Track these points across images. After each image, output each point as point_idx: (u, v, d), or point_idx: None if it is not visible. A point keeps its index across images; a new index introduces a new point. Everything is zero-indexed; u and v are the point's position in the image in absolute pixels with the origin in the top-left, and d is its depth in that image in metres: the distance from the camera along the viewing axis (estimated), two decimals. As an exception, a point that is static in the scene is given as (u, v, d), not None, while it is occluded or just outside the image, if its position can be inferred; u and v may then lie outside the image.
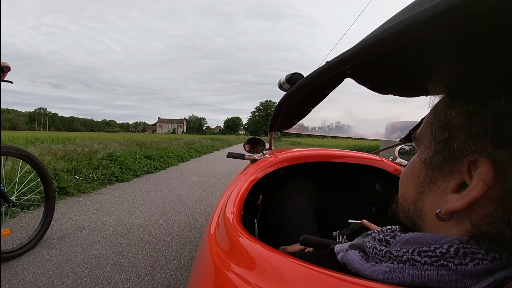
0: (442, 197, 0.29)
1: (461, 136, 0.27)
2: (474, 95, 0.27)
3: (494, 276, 0.24)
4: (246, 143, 1.28)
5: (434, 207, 0.30)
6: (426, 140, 0.32)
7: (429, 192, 0.31)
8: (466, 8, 0.20)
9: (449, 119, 0.29)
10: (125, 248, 1.89)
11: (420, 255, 0.27)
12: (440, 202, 0.29)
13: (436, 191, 0.30)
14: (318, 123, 1.20)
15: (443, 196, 0.29)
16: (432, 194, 0.31)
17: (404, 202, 0.35)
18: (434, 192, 0.30)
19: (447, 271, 0.25)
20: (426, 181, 0.31)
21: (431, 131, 0.31)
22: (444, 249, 0.26)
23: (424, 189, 0.31)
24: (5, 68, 1.35)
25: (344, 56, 0.36)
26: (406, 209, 0.34)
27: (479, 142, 0.25)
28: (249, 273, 0.39)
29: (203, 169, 6.12)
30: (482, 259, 0.25)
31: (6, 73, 1.38)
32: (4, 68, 1.35)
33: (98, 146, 6.05)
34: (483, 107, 0.25)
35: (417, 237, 0.29)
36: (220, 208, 0.70)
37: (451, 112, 0.28)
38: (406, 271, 0.27)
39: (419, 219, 0.32)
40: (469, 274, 0.25)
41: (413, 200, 0.33)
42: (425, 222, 0.32)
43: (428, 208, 0.31)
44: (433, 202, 0.30)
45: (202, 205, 3.09)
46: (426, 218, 0.31)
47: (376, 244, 0.33)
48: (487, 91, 0.26)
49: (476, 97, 0.27)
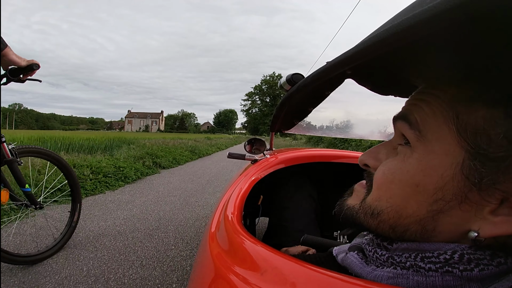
0: (473, 218, 0.25)
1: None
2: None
3: (499, 282, 0.24)
4: (246, 143, 1.29)
5: (457, 229, 0.26)
6: (443, 141, 0.26)
7: (455, 211, 0.25)
8: (468, 8, 0.20)
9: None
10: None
11: (424, 261, 0.27)
12: (470, 224, 0.25)
13: (468, 211, 0.25)
14: (327, 122, 1.17)
15: (477, 216, 0.25)
16: (459, 214, 0.25)
17: (400, 219, 0.28)
18: (464, 211, 0.25)
19: (452, 277, 0.25)
20: (454, 198, 0.25)
21: (457, 132, 0.25)
22: (448, 255, 0.26)
23: (447, 208, 0.26)
24: (34, 65, 1.29)
25: (345, 56, 0.36)
26: (402, 228, 0.28)
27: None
28: (250, 274, 0.38)
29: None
30: (487, 264, 0.24)
31: (35, 71, 1.31)
32: (33, 65, 1.29)
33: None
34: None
35: (414, 245, 0.29)
36: (220, 208, 0.70)
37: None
38: (410, 277, 0.27)
39: (421, 238, 0.28)
40: (474, 279, 0.25)
41: (420, 220, 0.27)
42: (426, 240, 0.28)
43: (446, 229, 0.26)
44: (458, 223, 0.26)
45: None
46: (434, 238, 0.27)
47: (376, 248, 0.32)
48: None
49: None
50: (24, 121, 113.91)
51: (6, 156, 1.41)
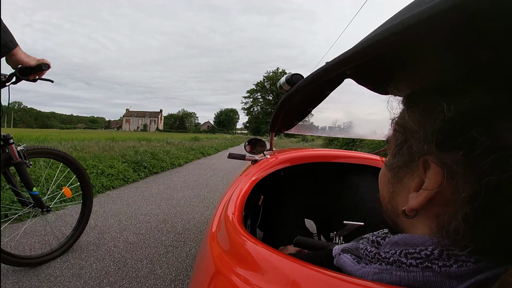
0: (408, 196, 0.30)
1: (414, 139, 0.29)
2: (424, 101, 0.29)
3: (475, 277, 0.24)
4: (247, 143, 1.29)
5: (405, 206, 0.31)
6: (392, 143, 0.34)
7: (399, 191, 0.32)
8: (466, 8, 0.20)
9: (404, 122, 0.31)
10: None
11: (406, 256, 0.28)
12: (408, 201, 0.30)
13: (403, 189, 0.32)
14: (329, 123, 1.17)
15: (409, 194, 0.30)
16: (402, 193, 0.32)
17: (383, 201, 0.36)
18: (402, 190, 0.32)
19: (432, 273, 0.26)
20: (393, 181, 0.33)
21: (394, 135, 0.33)
22: (429, 251, 0.27)
23: (394, 189, 0.33)
24: (43, 65, 1.25)
25: (344, 56, 0.36)
26: (385, 208, 0.35)
27: (428, 146, 0.27)
28: (251, 274, 0.38)
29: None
30: (465, 261, 0.25)
31: (45, 71, 1.28)
32: (43, 65, 1.25)
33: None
34: (432, 112, 0.27)
35: (404, 239, 0.30)
36: (221, 209, 0.70)
37: (406, 116, 0.30)
38: (393, 273, 0.28)
39: (397, 217, 0.33)
40: (453, 276, 0.25)
41: (388, 200, 0.34)
42: (402, 221, 0.33)
43: (401, 207, 0.32)
44: (403, 200, 0.32)
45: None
46: (401, 216, 0.32)
47: (367, 246, 0.34)
48: (437, 96, 0.27)
49: (426, 103, 0.28)
50: (23, 120, 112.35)
51: (14, 159, 1.37)
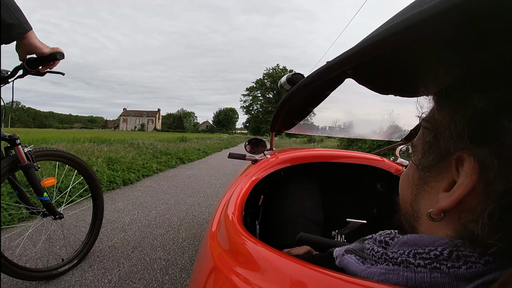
0: (435, 198, 0.29)
1: (445, 136, 0.27)
2: (455, 95, 0.28)
3: (483, 278, 0.24)
4: (247, 143, 1.30)
5: (429, 208, 0.29)
6: (419, 143, 0.32)
7: (424, 194, 0.31)
8: (466, 8, 0.20)
9: (434, 119, 0.29)
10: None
11: (415, 257, 0.27)
12: (433, 203, 0.29)
13: (429, 192, 0.30)
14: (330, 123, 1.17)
15: (436, 196, 0.29)
16: (426, 196, 0.31)
17: (403, 204, 0.35)
18: (428, 193, 0.30)
19: (440, 274, 0.25)
20: (419, 183, 0.31)
21: (422, 134, 0.32)
22: (438, 252, 0.26)
23: (419, 191, 0.32)
24: (58, 54, 1.05)
25: (345, 56, 0.36)
26: (405, 211, 0.34)
27: (461, 141, 0.26)
28: (250, 273, 0.38)
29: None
30: (475, 262, 0.24)
31: (58, 61, 1.09)
32: (57, 54, 1.04)
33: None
34: (462, 106, 0.26)
35: (414, 239, 0.29)
36: (221, 208, 0.70)
37: (436, 113, 0.29)
38: (400, 273, 0.27)
39: (416, 221, 0.32)
40: (461, 278, 0.24)
41: (410, 202, 0.33)
42: (421, 225, 0.31)
43: (424, 210, 0.31)
44: (428, 203, 0.30)
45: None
46: (422, 220, 0.31)
47: (374, 246, 0.33)
48: (467, 90, 0.26)
49: (456, 97, 0.27)
50: (21, 119, 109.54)
51: (22, 161, 1.23)
